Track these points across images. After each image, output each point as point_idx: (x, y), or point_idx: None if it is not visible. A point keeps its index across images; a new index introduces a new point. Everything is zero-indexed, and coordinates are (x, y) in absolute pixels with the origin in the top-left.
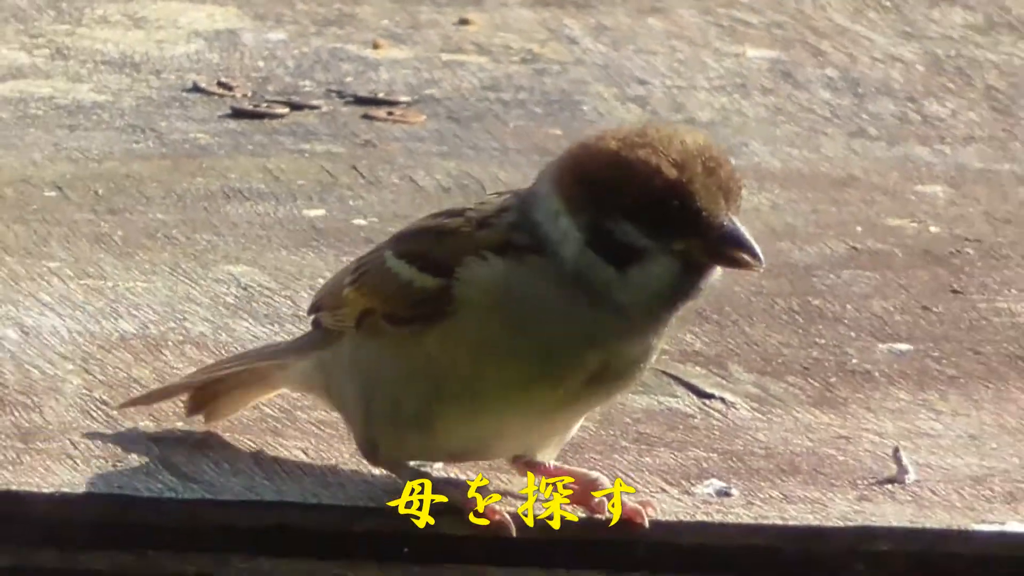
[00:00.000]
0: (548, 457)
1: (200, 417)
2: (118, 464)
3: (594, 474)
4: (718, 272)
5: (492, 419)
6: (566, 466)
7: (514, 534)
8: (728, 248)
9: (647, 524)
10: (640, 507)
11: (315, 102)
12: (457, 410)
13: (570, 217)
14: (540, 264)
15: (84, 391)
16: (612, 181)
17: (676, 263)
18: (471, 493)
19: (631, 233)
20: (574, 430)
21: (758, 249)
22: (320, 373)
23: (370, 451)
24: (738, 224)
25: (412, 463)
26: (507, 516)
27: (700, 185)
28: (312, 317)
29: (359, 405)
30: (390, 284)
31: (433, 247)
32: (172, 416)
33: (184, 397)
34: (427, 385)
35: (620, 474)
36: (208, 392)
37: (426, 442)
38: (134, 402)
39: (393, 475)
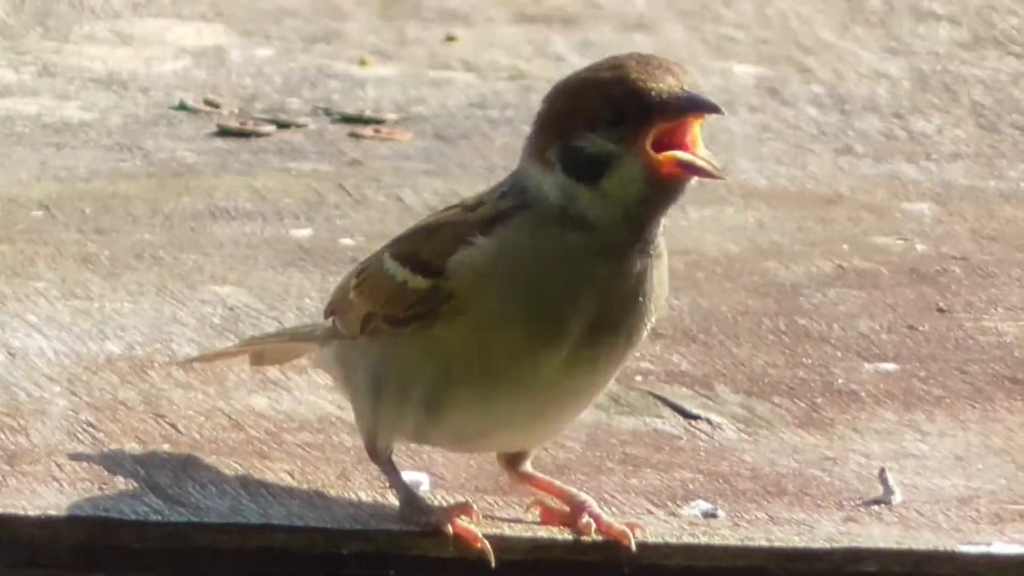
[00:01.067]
0: (536, 451)
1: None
2: (104, 487)
3: (582, 495)
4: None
5: (501, 397)
6: (556, 482)
7: (492, 564)
8: (689, 111)
9: (633, 547)
10: (627, 529)
11: (302, 120)
12: (466, 392)
13: (543, 157)
14: (527, 217)
15: (70, 413)
16: (566, 106)
17: (646, 164)
18: (454, 517)
19: (596, 141)
20: (574, 419)
21: (716, 103)
22: (336, 363)
23: (373, 446)
24: (693, 90)
25: (408, 478)
26: (487, 544)
27: (640, 73)
28: (330, 319)
29: (369, 393)
30: (387, 287)
31: (423, 246)
32: (158, 438)
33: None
34: (436, 371)
35: (606, 495)
36: (261, 355)
37: (433, 425)
38: (195, 360)
39: (386, 482)
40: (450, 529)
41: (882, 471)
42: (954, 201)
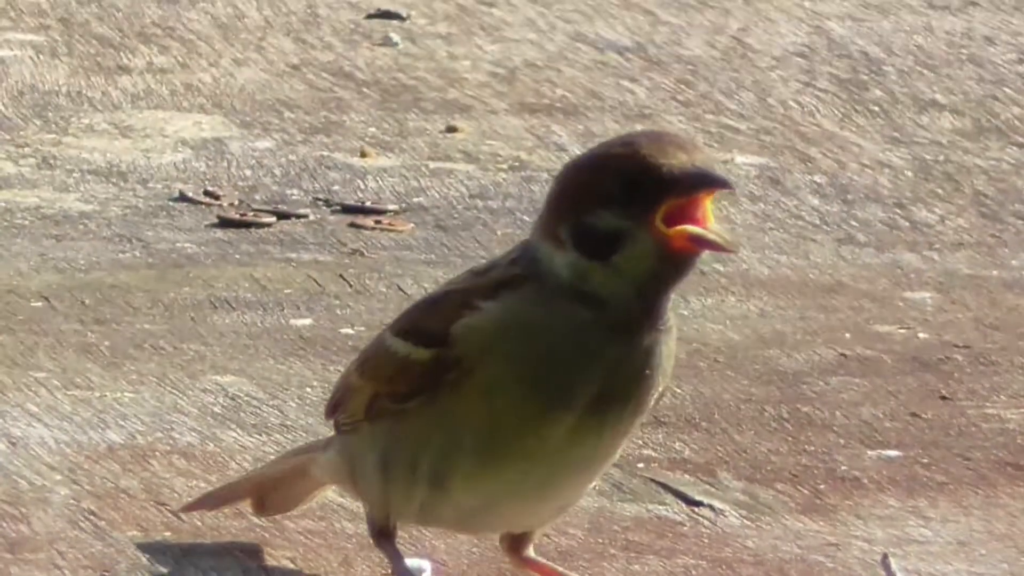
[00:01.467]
0: (539, 534)
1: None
2: (105, 574)
3: None
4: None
5: (507, 466)
6: (559, 568)
7: None
8: (699, 187)
9: None
10: None
11: (302, 211)
12: (471, 462)
13: (554, 234)
14: (536, 289)
15: (72, 501)
16: (577, 184)
17: (658, 239)
18: None
19: (607, 218)
20: (579, 495)
21: (727, 178)
22: (341, 458)
23: (381, 530)
24: (704, 166)
25: (410, 564)
26: None
27: (651, 149)
28: (331, 422)
29: (377, 475)
30: (390, 364)
31: (425, 318)
32: (160, 526)
33: (245, 501)
34: (442, 443)
35: None
36: (264, 493)
37: (440, 499)
38: (194, 506)
39: (389, 569)
40: None
41: (885, 557)
42: (956, 290)
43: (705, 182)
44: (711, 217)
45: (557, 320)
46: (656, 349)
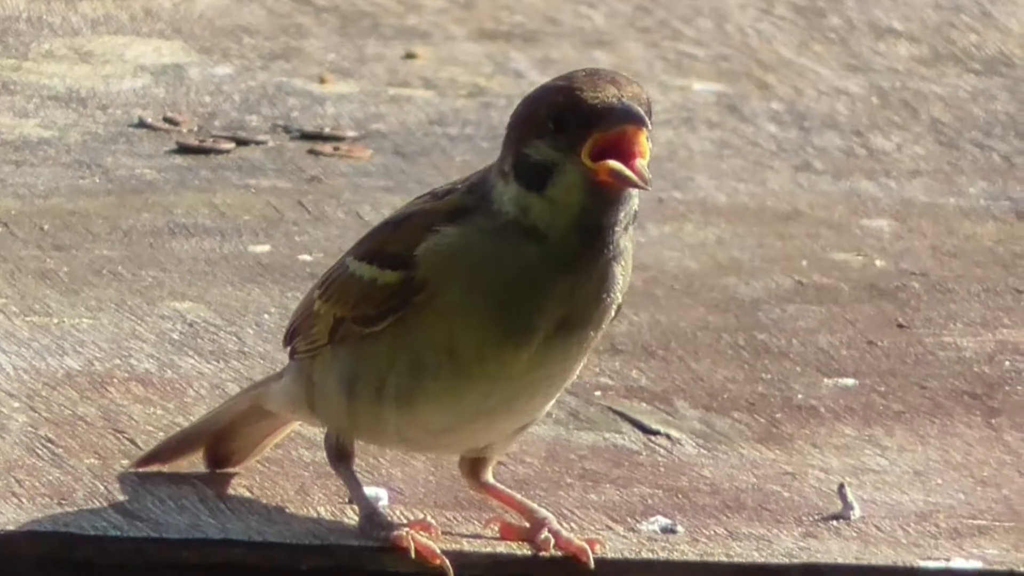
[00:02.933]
0: (497, 459)
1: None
2: (63, 502)
3: (542, 512)
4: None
5: (473, 387)
6: (517, 495)
7: None
8: (620, 122)
9: (592, 564)
10: (586, 545)
11: (261, 137)
12: (438, 382)
13: (502, 168)
14: (487, 222)
15: (29, 429)
16: (520, 117)
17: (583, 172)
18: (413, 534)
19: (541, 148)
20: (543, 410)
21: (642, 115)
22: (297, 384)
23: (335, 452)
24: (631, 102)
25: (367, 493)
26: (446, 561)
27: (583, 84)
28: (288, 349)
29: (340, 395)
30: (356, 288)
31: (388, 241)
32: (117, 454)
33: (198, 453)
34: (409, 362)
35: (565, 511)
36: (219, 441)
37: (406, 419)
38: (145, 462)
39: (347, 496)
40: (410, 544)
41: (841, 486)
42: (913, 218)
43: (623, 118)
44: (646, 152)
45: (506, 254)
46: (609, 273)
